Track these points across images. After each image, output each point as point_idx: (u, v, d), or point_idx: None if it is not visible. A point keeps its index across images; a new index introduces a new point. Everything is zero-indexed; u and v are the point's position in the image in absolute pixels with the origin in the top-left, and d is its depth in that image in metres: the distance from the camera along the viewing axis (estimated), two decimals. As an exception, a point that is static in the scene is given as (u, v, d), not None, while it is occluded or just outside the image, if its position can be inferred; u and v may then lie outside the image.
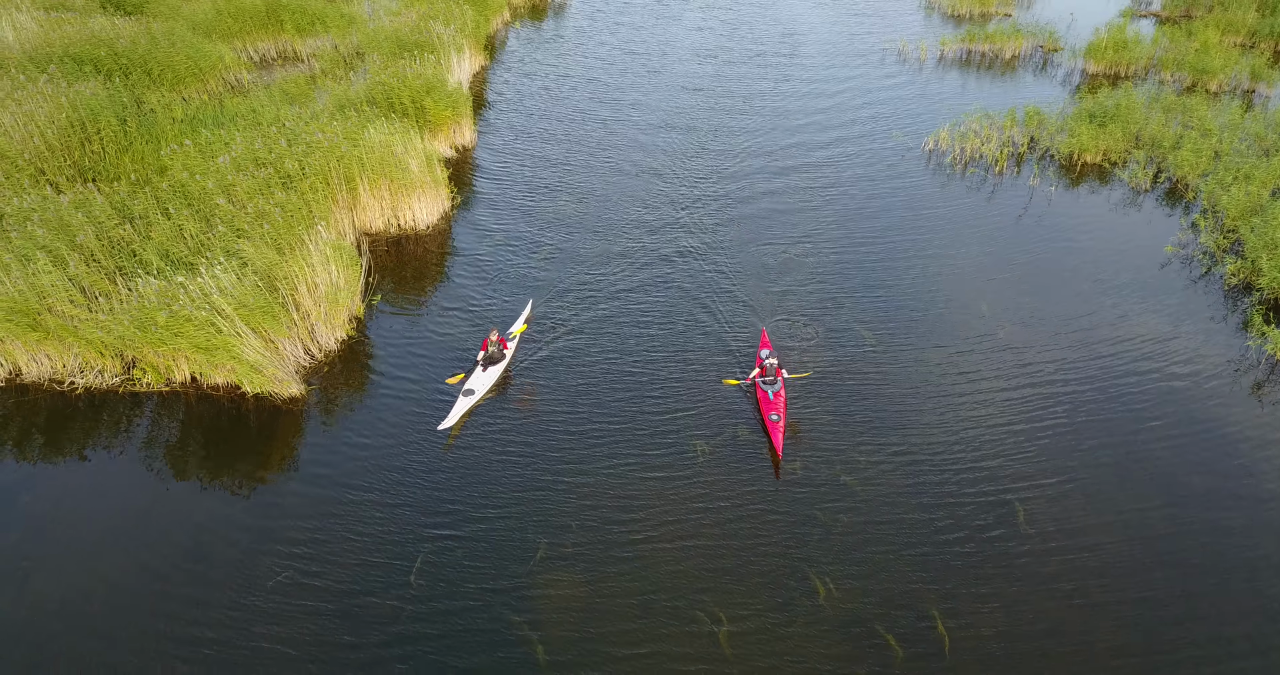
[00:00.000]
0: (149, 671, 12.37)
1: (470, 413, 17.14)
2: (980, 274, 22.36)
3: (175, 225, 19.30)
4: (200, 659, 12.52)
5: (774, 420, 16.43)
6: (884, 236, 24.11)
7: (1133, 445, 16.61)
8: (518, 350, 19.11)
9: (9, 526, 14.76)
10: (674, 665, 12.51)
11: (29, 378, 17.80)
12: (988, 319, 20.42)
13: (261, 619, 13.05)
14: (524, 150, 29.38)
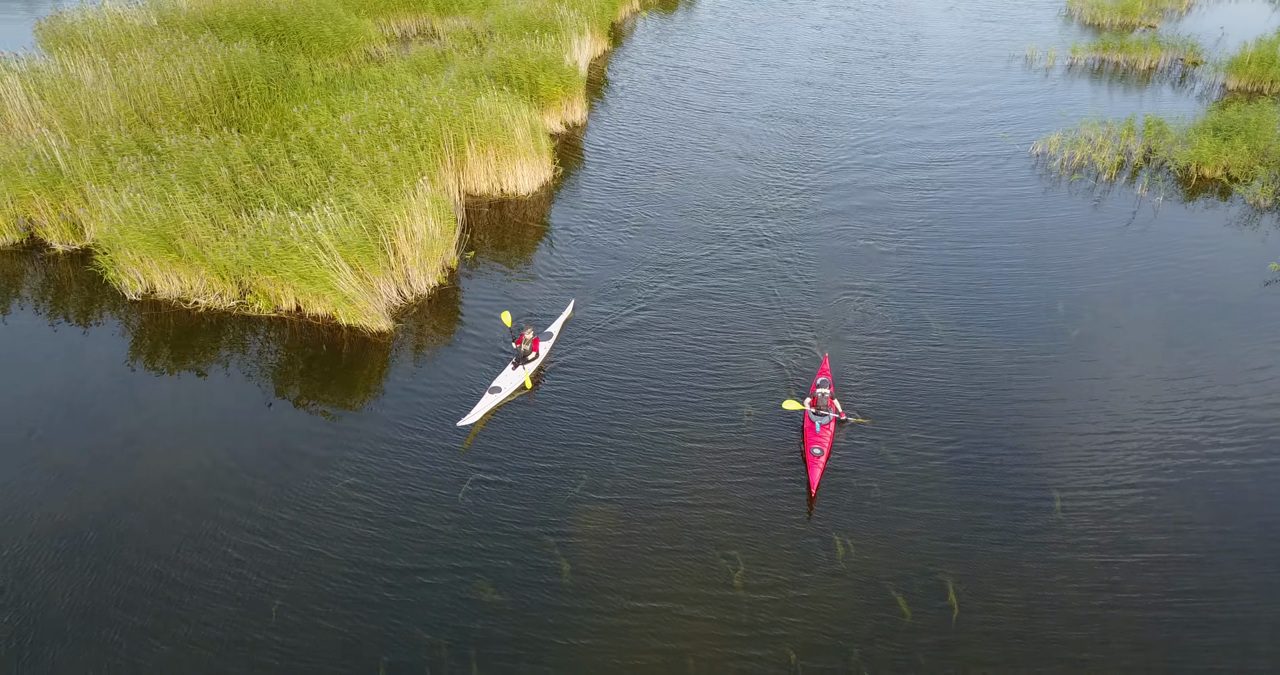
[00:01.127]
0: (214, 546, 14.04)
1: (494, 412, 16.95)
2: (1070, 279, 21.93)
3: (299, 172, 21.33)
4: (248, 550, 14.07)
5: (815, 454, 15.52)
6: (975, 237, 24.00)
7: (1200, 465, 15.83)
8: (558, 345, 18.89)
9: (129, 417, 16.89)
10: (688, 594, 13.30)
11: (161, 295, 20.11)
12: (1065, 322, 20.18)
13: (309, 533, 14.37)
14: (630, 131, 30.51)
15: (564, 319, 19.46)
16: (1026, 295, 21.06)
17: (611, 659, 12.31)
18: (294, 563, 13.68)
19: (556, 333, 18.96)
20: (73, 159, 21.36)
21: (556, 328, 19.05)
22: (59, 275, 21.35)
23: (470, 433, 16.36)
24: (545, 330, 19.05)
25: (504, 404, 17.06)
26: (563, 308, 19.89)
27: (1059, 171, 28.08)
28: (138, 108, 23.99)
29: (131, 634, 12.58)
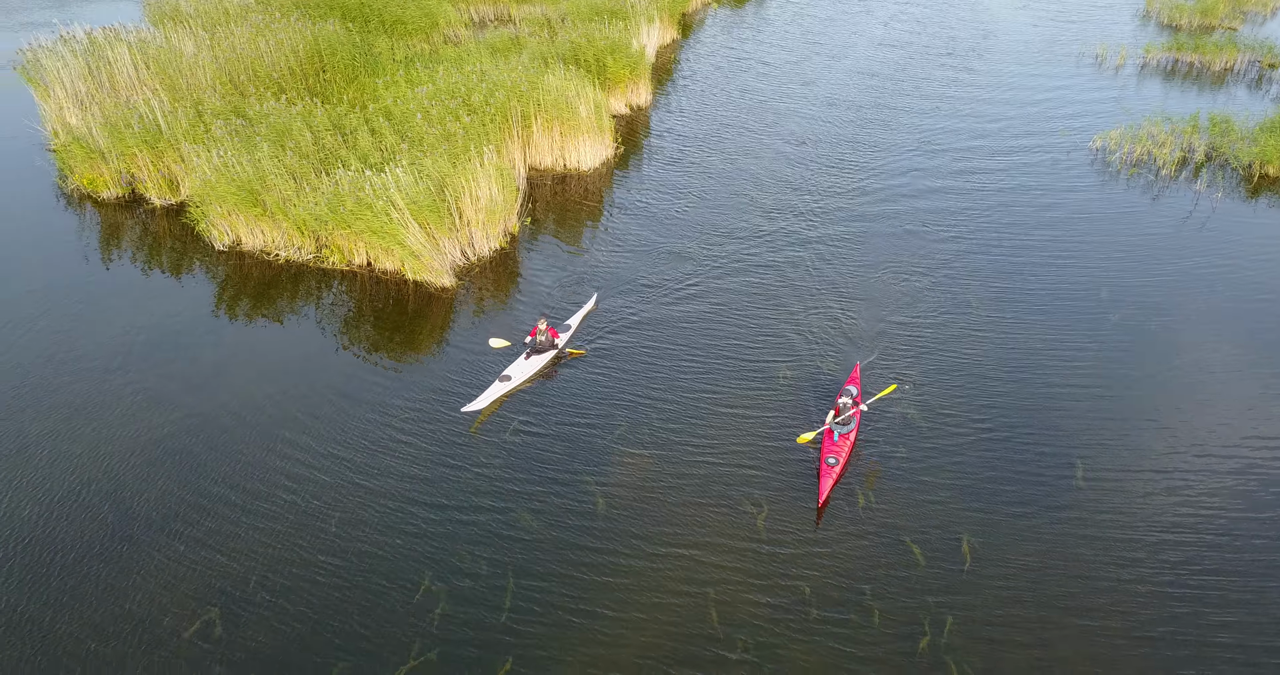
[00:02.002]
0: (271, 472, 15.37)
1: (502, 400, 17.00)
2: (1118, 270, 22.05)
3: (376, 139, 22.78)
4: (302, 479, 15.36)
5: (830, 464, 15.09)
6: (1025, 225, 24.32)
7: (1234, 456, 16.00)
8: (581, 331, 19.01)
9: (212, 353, 18.47)
10: (712, 543, 14.19)
11: (245, 247, 21.75)
12: (1107, 308, 20.46)
13: (360, 468, 15.58)
14: (692, 116, 31.42)
15: (585, 312, 19.42)
16: (1071, 282, 21.38)
17: (637, 596, 13.20)
18: (343, 494, 14.86)
19: (575, 326, 18.89)
20: (172, 121, 23.17)
21: (575, 321, 19.00)
22: (156, 227, 23.17)
23: (477, 419, 16.49)
24: (564, 323, 18.98)
25: (513, 393, 17.17)
26: (589, 298, 20.04)
27: (1118, 166, 28.15)
28: (231, 77, 25.76)
29: (192, 542, 13.96)
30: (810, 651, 12.45)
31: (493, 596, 13.05)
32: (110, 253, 22.16)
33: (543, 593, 13.14)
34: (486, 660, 12.16)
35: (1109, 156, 28.66)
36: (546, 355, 17.77)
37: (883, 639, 12.68)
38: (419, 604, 12.96)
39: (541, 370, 17.68)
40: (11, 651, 12.13)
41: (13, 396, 16.91)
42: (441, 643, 12.40)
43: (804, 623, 12.81)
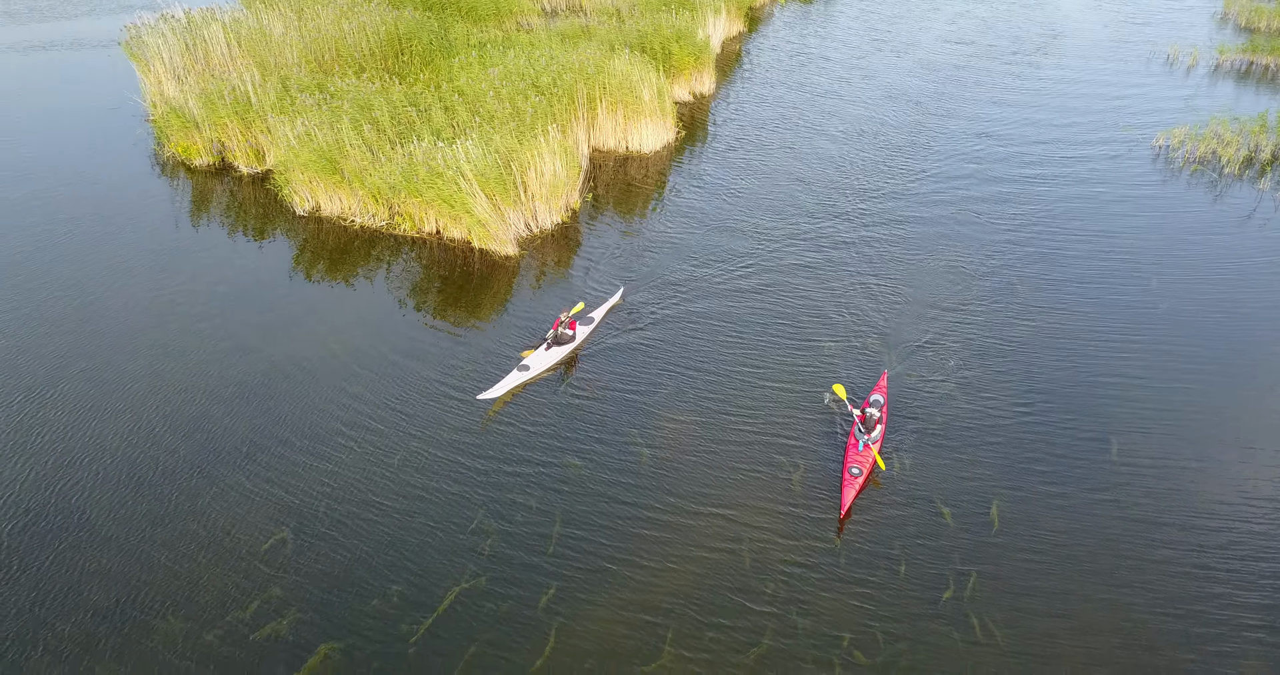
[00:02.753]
0: (333, 420, 16.56)
1: (518, 389, 17.10)
2: (1172, 263, 22.03)
3: (449, 116, 23.97)
4: (360, 428, 16.52)
5: (853, 474, 14.85)
6: (1078, 217, 24.46)
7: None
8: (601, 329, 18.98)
9: (289, 308, 19.80)
10: (747, 504, 14.96)
11: (324, 213, 23.12)
12: (1156, 298, 20.61)
13: (416, 419, 16.69)
14: (753, 105, 32.09)
15: (609, 306, 19.45)
16: (1121, 272, 21.54)
17: (671, 548, 13.94)
18: (400, 441, 15.89)
19: (598, 319, 18.94)
20: (261, 94, 24.69)
21: (599, 314, 19.06)
22: (242, 193, 24.73)
23: (491, 407, 16.58)
24: (587, 315, 19.01)
25: (529, 383, 17.23)
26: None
27: (1180, 163, 28.03)
28: (316, 56, 27.26)
29: (261, 476, 15.21)
30: (836, 601, 13.14)
31: (538, 537, 13.99)
32: (200, 215, 23.73)
33: (585, 538, 14.02)
34: (530, 590, 13.11)
35: (1171, 154, 28.55)
36: (566, 348, 17.93)
37: (907, 591, 13.29)
38: (469, 540, 13.97)
39: (560, 362, 17.80)
40: (93, 564, 13.46)
41: (114, 338, 18.43)
42: (489, 572, 13.39)
43: (832, 575, 13.48)
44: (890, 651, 12.39)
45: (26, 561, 13.40)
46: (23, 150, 26.53)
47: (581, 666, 12.06)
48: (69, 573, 13.21)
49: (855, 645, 12.48)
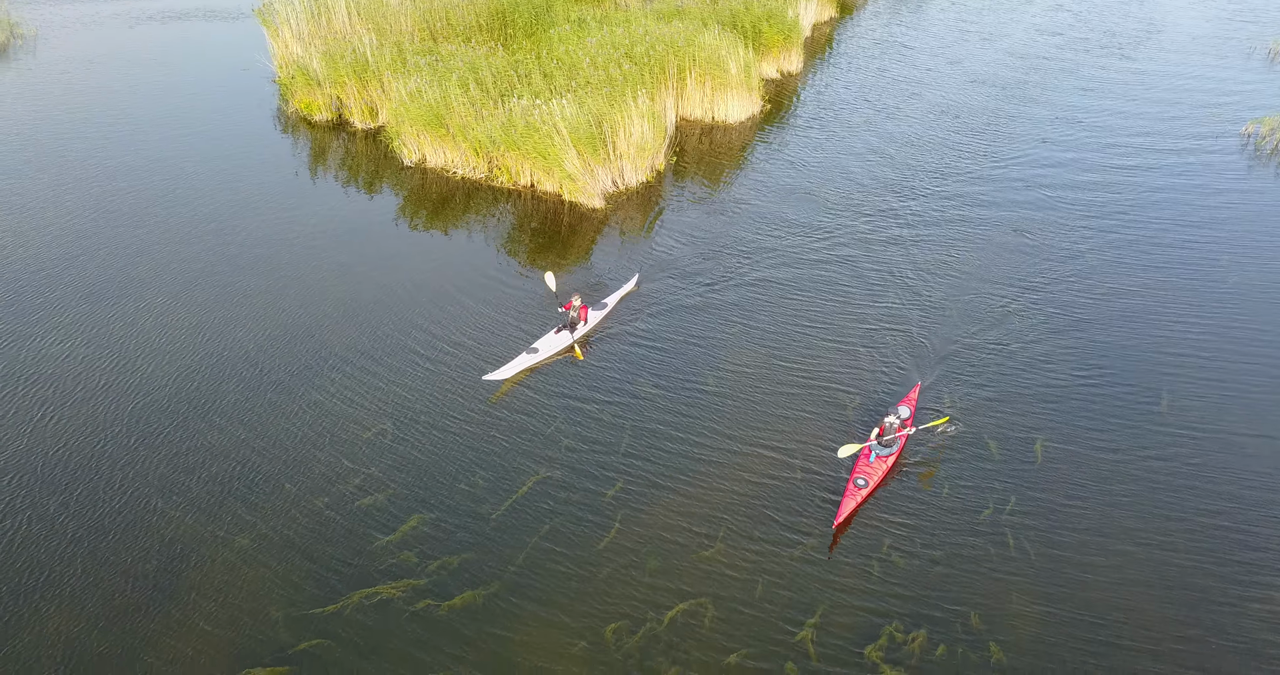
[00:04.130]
0: (414, 351, 18.26)
1: (527, 372, 17.15)
2: (1247, 243, 22.24)
3: (546, 81, 25.64)
4: (436, 362, 18.22)
5: (858, 485, 14.28)
6: (1155, 199, 24.72)
7: None
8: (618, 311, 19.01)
9: (392, 245, 21.73)
10: (803, 422, 16.15)
11: (429, 165, 25.07)
12: (1226, 271, 20.91)
13: (486, 357, 18.37)
14: (838, 86, 32.95)
15: (624, 293, 19.39)
16: (1194, 252, 21.74)
17: (729, 469, 15.33)
18: (489, 358, 17.60)
19: (612, 305, 18.90)
20: (377, 56, 26.81)
21: (613, 300, 19.01)
22: (356, 146, 26.90)
23: (498, 390, 16.64)
24: (600, 300, 19.00)
25: (538, 366, 17.30)
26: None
27: (1269, 152, 27.89)
28: (428, 24, 29.33)
29: (363, 376, 17.05)
30: (875, 514, 14.25)
31: (610, 443, 15.44)
32: (318, 165, 25.96)
33: (651, 447, 15.43)
34: (599, 484, 14.57)
35: (1260, 142, 28.40)
36: (577, 332, 17.93)
37: (948, 507, 14.30)
38: (546, 441, 15.52)
39: (571, 347, 17.71)
40: (229, 438, 15.45)
41: (244, 261, 20.62)
42: (564, 468, 14.91)
43: (878, 495, 14.56)
44: (926, 557, 13.42)
45: (181, 432, 15.46)
46: (167, 106, 29.29)
47: (642, 548, 13.45)
48: (213, 445, 15.21)
49: (893, 550, 13.55)
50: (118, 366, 17.01)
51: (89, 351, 17.40)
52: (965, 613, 12.58)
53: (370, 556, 13.19)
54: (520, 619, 12.32)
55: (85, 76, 31.33)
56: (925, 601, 12.72)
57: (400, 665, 11.63)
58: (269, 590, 12.61)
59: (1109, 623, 12.43)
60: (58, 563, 12.94)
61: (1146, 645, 12.09)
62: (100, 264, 20.27)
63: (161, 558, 13.04)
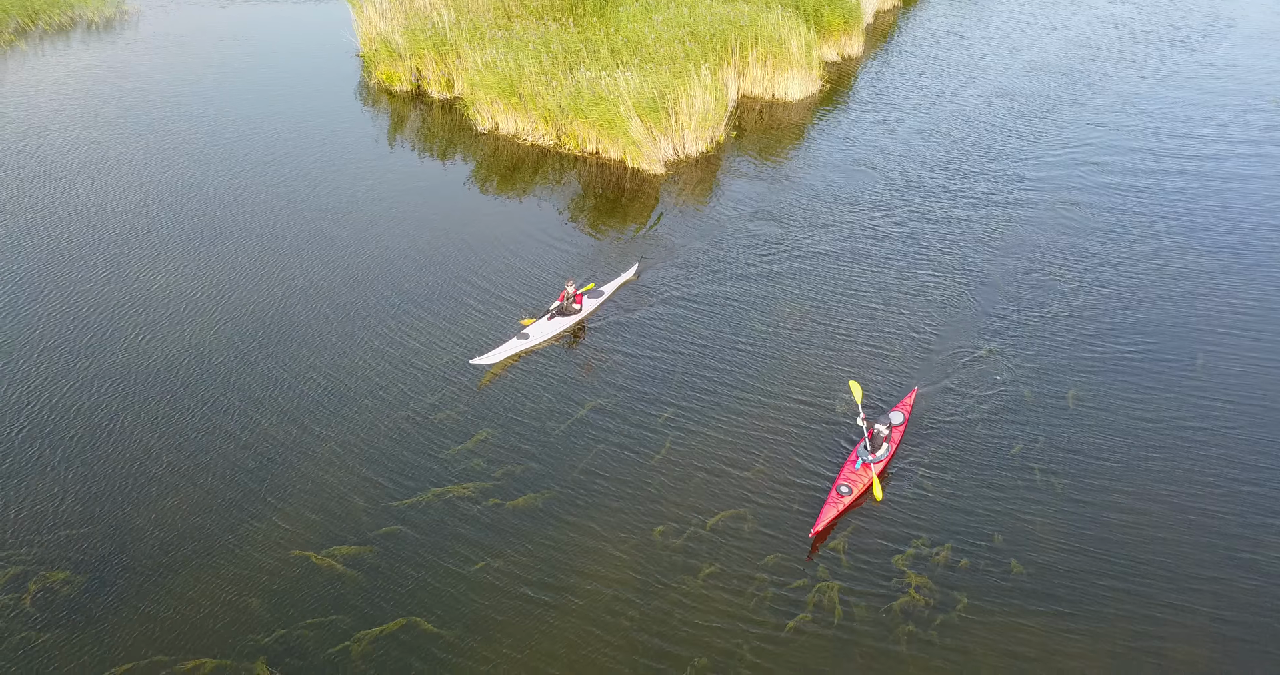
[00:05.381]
0: (474, 286, 19.72)
1: (515, 357, 17.13)
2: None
3: (614, 57, 26.93)
4: (518, 287, 19.62)
5: (841, 492, 13.82)
6: (1209, 179, 25.10)
7: None
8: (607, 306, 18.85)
9: (463, 203, 23.28)
10: (847, 370, 17.20)
11: (501, 131, 26.56)
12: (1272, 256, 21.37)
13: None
14: (897, 71, 33.60)
15: (621, 282, 19.42)
16: (1246, 234, 22.15)
17: (775, 413, 16.47)
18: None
19: (608, 294, 18.91)
20: (455, 31, 28.38)
21: (610, 289, 19.04)
22: (432, 116, 28.53)
23: (486, 374, 16.70)
24: (598, 289, 18.95)
25: (528, 352, 17.33)
26: (630, 267, 20.17)
27: (1329, 139, 27.95)
28: (504, 2, 30.82)
29: (447, 308, 18.53)
30: (915, 446, 15.24)
31: (663, 375, 16.69)
32: (397, 131, 27.64)
33: (704, 379, 16.69)
34: (654, 407, 15.83)
35: (1321, 129, 28.46)
36: (570, 320, 17.89)
37: (980, 443, 15.23)
38: (609, 367, 16.85)
39: (561, 333, 17.77)
40: (308, 362, 17.03)
41: (326, 215, 22.30)
42: (620, 394, 16.18)
43: (914, 427, 15.54)
44: (955, 483, 14.39)
45: (272, 355, 17.10)
46: (258, 77, 31.28)
47: (691, 463, 14.66)
48: (300, 367, 16.83)
49: (925, 478, 14.53)
50: (217, 299, 18.74)
51: (192, 285, 19.17)
52: (989, 533, 13.53)
53: (443, 461, 14.60)
54: (576, 519, 13.60)
55: (183, 51, 33.55)
56: (952, 521, 13.69)
57: (466, 552, 12.99)
58: (353, 486, 14.08)
59: (1126, 550, 13.28)
60: (175, 456, 14.61)
61: (1161, 572, 12.90)
62: (200, 212, 22.11)
63: (259, 458, 14.62)
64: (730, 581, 12.61)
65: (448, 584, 12.48)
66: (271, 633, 11.73)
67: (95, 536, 13.05)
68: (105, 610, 11.99)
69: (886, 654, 11.68)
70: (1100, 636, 11.97)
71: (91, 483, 13.97)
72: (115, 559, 12.72)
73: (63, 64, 31.99)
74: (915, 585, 12.61)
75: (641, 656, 11.58)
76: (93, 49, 33.79)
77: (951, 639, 11.91)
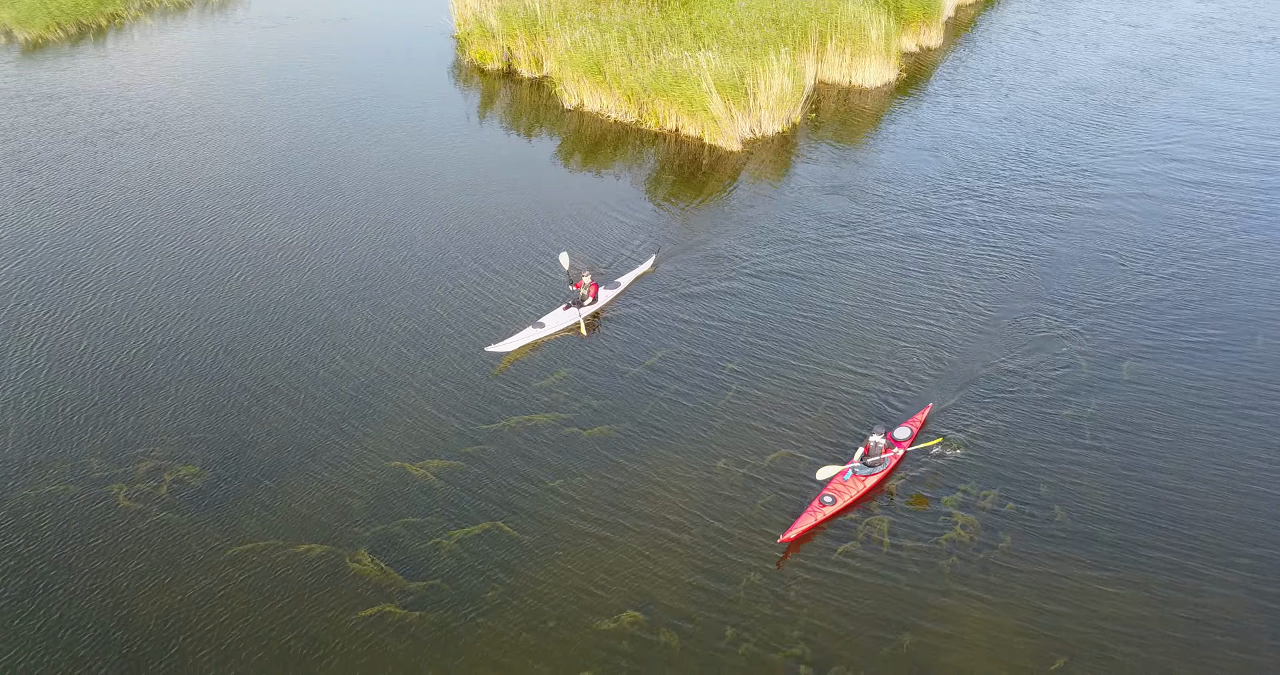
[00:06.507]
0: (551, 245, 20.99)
1: (531, 346, 17.26)
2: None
3: (696, 41, 28.03)
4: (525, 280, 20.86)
5: (824, 502, 13.45)
6: None
7: None
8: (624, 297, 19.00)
9: (547, 173, 24.72)
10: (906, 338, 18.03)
11: (586, 108, 27.91)
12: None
13: (620, 261, 20.86)
14: (974, 64, 33.83)
15: (638, 273, 19.48)
16: None
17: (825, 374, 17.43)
18: (610, 275, 20.12)
19: (624, 285, 19.01)
20: (546, 13, 29.83)
21: (626, 280, 19.12)
22: (521, 93, 30.03)
23: (501, 362, 16.86)
24: (613, 280, 19.08)
25: (543, 341, 17.48)
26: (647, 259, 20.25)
27: None
28: (593, -11, 32.19)
29: (496, 273, 19.88)
30: (973, 402, 16.04)
31: (734, 331, 17.84)
32: (488, 106, 29.22)
33: (764, 343, 17.76)
34: (724, 357, 16.94)
35: None
36: (585, 309, 18.01)
37: (1033, 405, 15.92)
38: (680, 318, 17.97)
39: (575, 324, 17.81)
40: (397, 305, 18.52)
41: (421, 178, 23.94)
42: (690, 345, 17.30)
43: (973, 387, 16.32)
44: (1007, 438, 15.14)
45: (373, 297, 18.67)
46: (359, 55, 33.25)
47: (754, 409, 15.72)
48: (395, 309, 18.39)
49: (979, 431, 15.29)
50: (324, 245, 20.48)
51: (302, 233, 20.97)
52: (1036, 484, 14.27)
53: (527, 393, 15.93)
54: (644, 448, 14.78)
55: (291, 29, 35.74)
56: (1001, 472, 14.47)
57: (544, 471, 14.28)
58: (445, 410, 15.50)
59: (1169, 513, 13.75)
60: (287, 379, 16.27)
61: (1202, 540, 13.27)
62: (309, 171, 23.95)
63: (362, 383, 16.20)
64: (785, 509, 13.61)
65: (527, 497, 13.76)
66: (371, 528, 13.14)
67: (219, 441, 14.69)
68: (227, 500, 13.57)
69: (930, 582, 12.54)
70: (1138, 585, 12.55)
71: (217, 397, 15.68)
72: (236, 460, 14.33)
73: (181, 38, 34.48)
74: (961, 524, 13.44)
75: (698, 569, 12.68)
76: (207, 26, 36.23)
77: (993, 574, 12.71)
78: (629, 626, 11.79)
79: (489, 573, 12.50)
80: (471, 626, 11.79)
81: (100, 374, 16.17)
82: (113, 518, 13.20)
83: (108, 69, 31.18)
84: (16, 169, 23.76)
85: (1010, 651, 11.66)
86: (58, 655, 11.33)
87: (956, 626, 11.93)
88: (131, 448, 14.47)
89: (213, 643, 11.52)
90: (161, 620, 11.79)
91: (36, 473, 13.94)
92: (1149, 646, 11.71)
